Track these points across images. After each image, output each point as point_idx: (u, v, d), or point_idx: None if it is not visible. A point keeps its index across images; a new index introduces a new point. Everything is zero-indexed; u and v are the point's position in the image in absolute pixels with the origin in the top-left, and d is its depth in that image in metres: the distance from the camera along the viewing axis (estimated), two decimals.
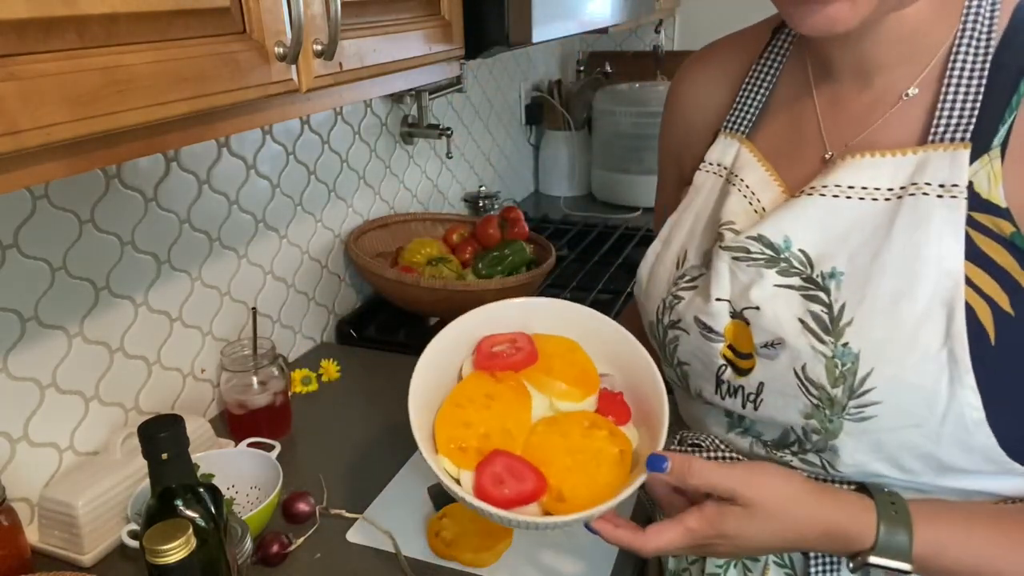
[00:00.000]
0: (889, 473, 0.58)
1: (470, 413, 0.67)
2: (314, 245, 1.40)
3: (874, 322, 0.55)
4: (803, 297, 0.59)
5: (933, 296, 0.53)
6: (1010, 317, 0.51)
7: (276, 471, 0.95)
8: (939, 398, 0.53)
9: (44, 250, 0.91)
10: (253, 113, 0.73)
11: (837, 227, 0.58)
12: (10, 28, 0.49)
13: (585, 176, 2.37)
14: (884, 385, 0.55)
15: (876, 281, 0.55)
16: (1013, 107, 0.53)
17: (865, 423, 0.56)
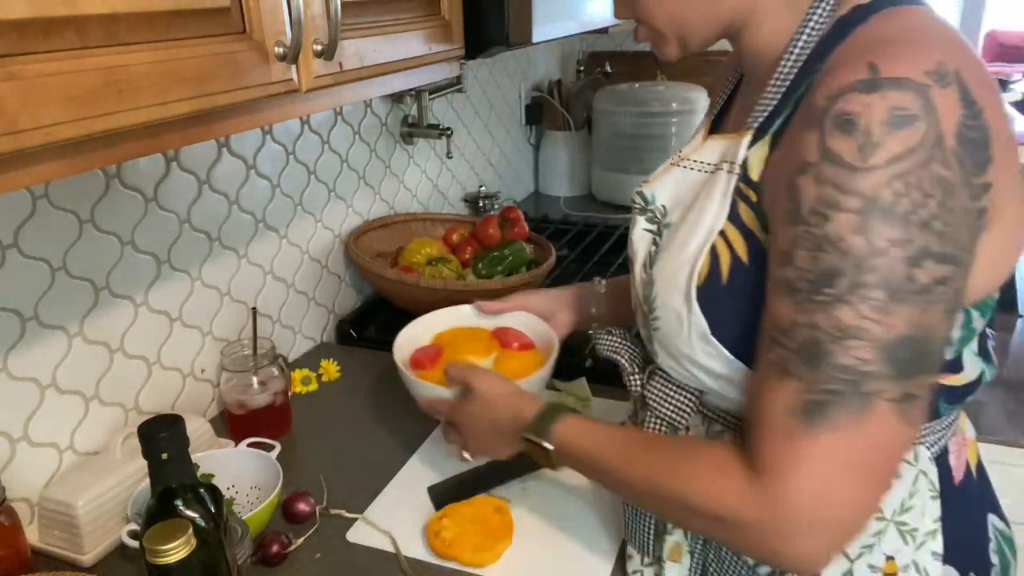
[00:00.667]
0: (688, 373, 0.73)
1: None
2: (314, 245, 1.40)
3: (666, 259, 0.72)
4: (652, 238, 0.77)
5: (699, 246, 0.68)
6: (744, 265, 0.65)
7: (276, 471, 0.95)
8: (683, 316, 0.69)
9: (44, 250, 0.91)
10: (253, 113, 0.73)
11: (681, 190, 0.75)
12: (10, 28, 0.49)
13: (585, 176, 2.37)
14: (660, 306, 0.72)
15: (679, 231, 0.72)
16: (791, 103, 0.64)
17: (656, 333, 0.74)
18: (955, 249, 0.55)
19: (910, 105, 0.54)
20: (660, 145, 2.14)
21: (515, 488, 0.99)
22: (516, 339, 1.04)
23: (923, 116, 0.54)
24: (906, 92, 0.54)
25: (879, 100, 0.54)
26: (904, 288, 0.54)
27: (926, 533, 0.68)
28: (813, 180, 0.56)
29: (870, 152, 0.54)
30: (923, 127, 0.53)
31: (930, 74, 0.54)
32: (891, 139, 0.54)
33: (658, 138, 2.14)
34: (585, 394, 1.19)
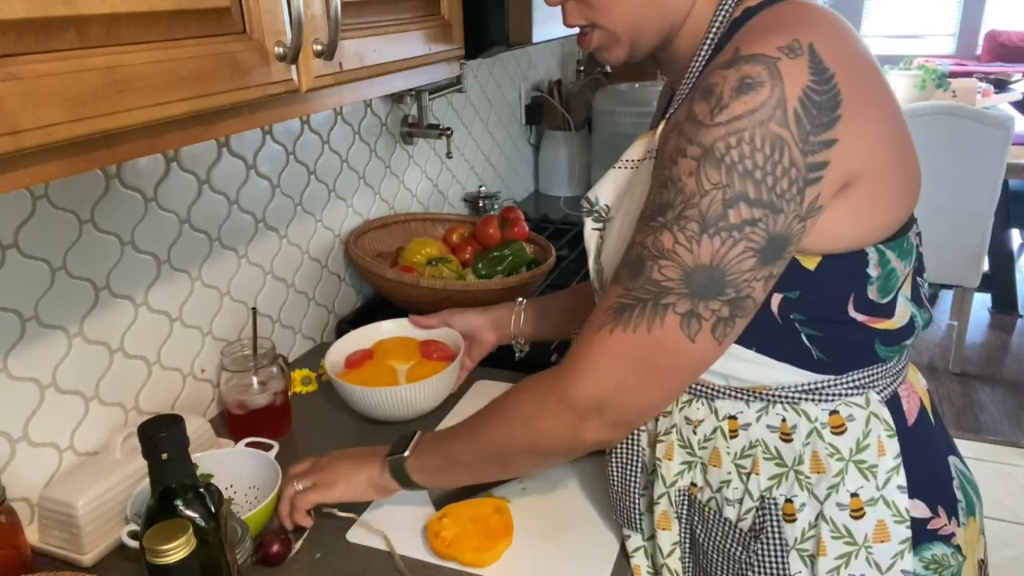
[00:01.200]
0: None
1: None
2: (314, 245, 1.40)
3: (609, 246, 0.80)
4: (599, 234, 0.84)
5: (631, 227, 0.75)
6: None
7: (275, 470, 0.95)
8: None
9: (44, 250, 0.91)
10: (253, 113, 0.73)
11: (618, 188, 0.83)
12: (10, 28, 0.49)
13: (585, 176, 2.37)
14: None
15: (619, 221, 0.80)
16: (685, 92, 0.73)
17: None
18: (772, 196, 0.63)
19: (757, 75, 0.62)
20: None
21: (515, 488, 0.99)
22: (437, 350, 1.20)
23: (768, 82, 0.62)
24: (756, 64, 0.63)
25: (734, 72, 0.63)
26: (715, 224, 0.63)
27: (889, 470, 0.74)
28: (676, 134, 0.66)
29: (717, 112, 0.63)
30: (767, 92, 0.62)
31: (782, 48, 0.63)
32: (736, 102, 0.62)
33: None
34: None
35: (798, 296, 0.70)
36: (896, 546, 0.74)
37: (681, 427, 0.81)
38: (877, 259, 0.70)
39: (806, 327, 0.72)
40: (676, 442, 0.81)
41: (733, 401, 0.77)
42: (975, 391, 3.04)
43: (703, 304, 0.65)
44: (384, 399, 1.09)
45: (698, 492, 0.81)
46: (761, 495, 0.76)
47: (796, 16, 0.67)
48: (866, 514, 0.73)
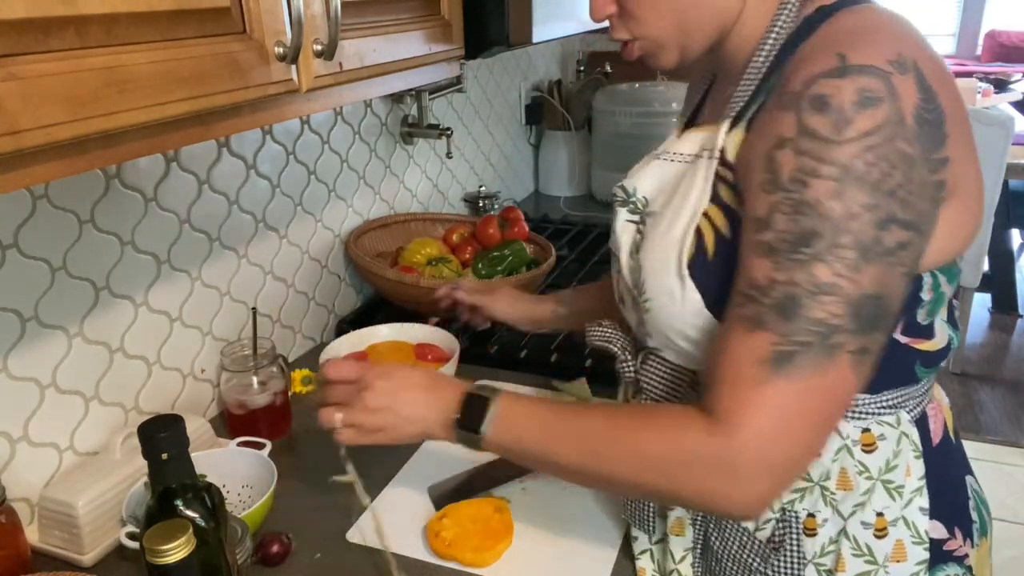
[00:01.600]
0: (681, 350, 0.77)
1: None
2: (314, 245, 1.40)
3: (653, 243, 0.76)
4: (635, 228, 0.82)
5: (685, 227, 0.72)
6: (727, 239, 0.70)
7: (270, 468, 0.95)
8: (676, 293, 0.73)
9: (44, 250, 0.91)
10: (253, 113, 0.73)
11: (663, 181, 0.79)
12: (10, 28, 0.49)
13: (585, 176, 2.37)
14: (650, 288, 0.76)
15: (663, 217, 0.76)
16: (765, 92, 0.69)
17: (648, 315, 0.77)
18: (916, 217, 0.60)
19: (876, 89, 0.59)
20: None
21: (515, 488, 0.99)
22: (431, 352, 1.20)
23: (887, 98, 0.59)
24: (872, 77, 0.60)
25: (849, 83, 0.60)
26: (873, 249, 0.59)
27: (912, 491, 0.73)
28: (792, 152, 0.61)
29: (843, 127, 0.59)
30: (887, 107, 0.59)
31: (891, 63, 0.60)
32: (861, 116, 0.59)
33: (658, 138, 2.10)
34: (585, 394, 1.19)
35: None
36: (913, 567, 0.73)
37: None
38: (931, 284, 0.69)
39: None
40: None
41: None
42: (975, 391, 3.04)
43: (870, 338, 0.60)
44: None
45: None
46: (783, 507, 0.74)
47: (890, 27, 0.64)
48: (888, 533, 0.72)
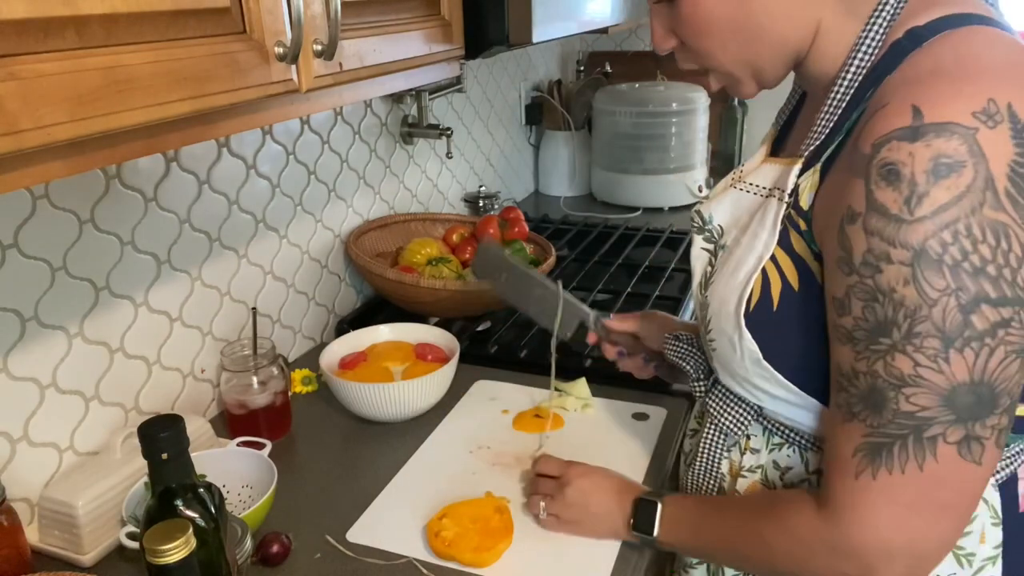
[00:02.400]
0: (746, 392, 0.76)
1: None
2: (314, 245, 1.40)
3: (718, 283, 0.74)
4: (708, 258, 0.79)
5: (749, 272, 0.70)
6: (794, 291, 0.67)
7: (270, 468, 0.95)
8: (735, 341, 0.71)
9: (44, 250, 0.91)
10: (253, 113, 0.73)
11: (737, 212, 0.76)
12: (10, 28, 0.49)
13: (585, 176, 2.37)
14: (714, 328, 0.74)
15: (732, 254, 0.73)
16: (842, 132, 0.64)
17: (714, 353, 0.77)
18: (1016, 291, 0.54)
19: (955, 152, 0.53)
20: (660, 145, 2.14)
21: (515, 488, 0.99)
22: (431, 352, 1.21)
23: (970, 161, 0.53)
24: (951, 138, 0.53)
25: (923, 148, 0.54)
26: (960, 335, 0.54)
27: (985, 559, 0.68)
28: (862, 230, 0.57)
29: (916, 203, 0.54)
30: (970, 173, 0.53)
31: (977, 115, 0.53)
32: (936, 188, 0.53)
33: (658, 138, 2.14)
34: (585, 394, 1.19)
35: None
36: None
37: (768, 469, 0.78)
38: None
39: None
40: (760, 482, 0.78)
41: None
42: None
43: (979, 425, 0.56)
44: (378, 396, 1.09)
45: None
46: None
47: (985, 59, 0.57)
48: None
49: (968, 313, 0.54)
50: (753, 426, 0.79)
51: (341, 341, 1.24)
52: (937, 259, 0.54)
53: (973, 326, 0.54)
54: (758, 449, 0.78)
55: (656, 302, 1.48)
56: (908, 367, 0.56)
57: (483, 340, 1.36)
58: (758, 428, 0.79)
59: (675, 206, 2.19)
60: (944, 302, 0.54)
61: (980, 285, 0.54)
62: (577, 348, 1.30)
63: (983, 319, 0.54)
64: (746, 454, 0.79)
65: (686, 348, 0.87)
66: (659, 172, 2.17)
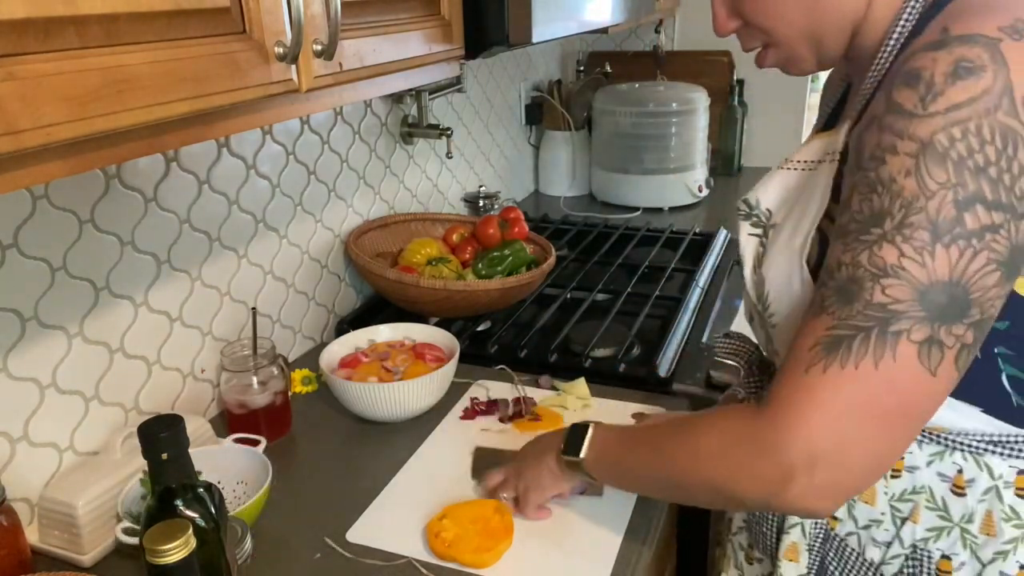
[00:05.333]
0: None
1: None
2: (314, 245, 1.40)
3: (775, 254, 0.72)
4: (758, 240, 0.77)
5: (806, 234, 0.69)
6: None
7: (265, 465, 0.95)
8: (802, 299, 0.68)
9: (44, 250, 0.91)
10: (253, 113, 0.73)
11: (787, 191, 0.75)
12: (10, 28, 0.49)
13: (585, 176, 2.37)
14: (774, 300, 0.72)
15: (784, 228, 0.72)
16: (874, 83, 0.67)
17: (775, 330, 0.74)
18: (1011, 198, 0.54)
19: (976, 57, 0.54)
20: (660, 145, 2.14)
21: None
22: (431, 352, 1.22)
23: (991, 67, 0.53)
24: (974, 46, 0.54)
25: (946, 55, 0.55)
26: (950, 231, 0.54)
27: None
28: (876, 129, 0.58)
29: (930, 100, 0.55)
30: (990, 78, 0.53)
31: (1004, 29, 0.54)
32: (953, 88, 0.54)
33: (658, 138, 2.14)
34: (584, 394, 1.19)
35: (1007, 327, 0.60)
36: None
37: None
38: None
39: (1011, 366, 0.62)
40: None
41: None
42: None
43: (945, 329, 0.55)
44: (378, 396, 1.09)
45: (838, 526, 0.74)
46: (914, 544, 0.69)
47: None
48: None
49: (963, 210, 0.54)
50: None
51: (341, 341, 1.24)
52: (943, 152, 0.54)
53: (964, 223, 0.54)
54: None
55: (656, 302, 1.48)
56: (893, 257, 0.55)
57: (483, 340, 1.36)
58: None
59: (675, 206, 2.19)
60: (942, 195, 0.54)
61: (979, 184, 0.54)
62: (577, 349, 1.30)
63: (975, 219, 0.54)
64: None
65: (739, 345, 0.86)
66: (659, 172, 2.17)
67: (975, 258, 0.54)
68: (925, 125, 0.55)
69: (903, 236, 0.55)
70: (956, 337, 0.56)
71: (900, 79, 0.57)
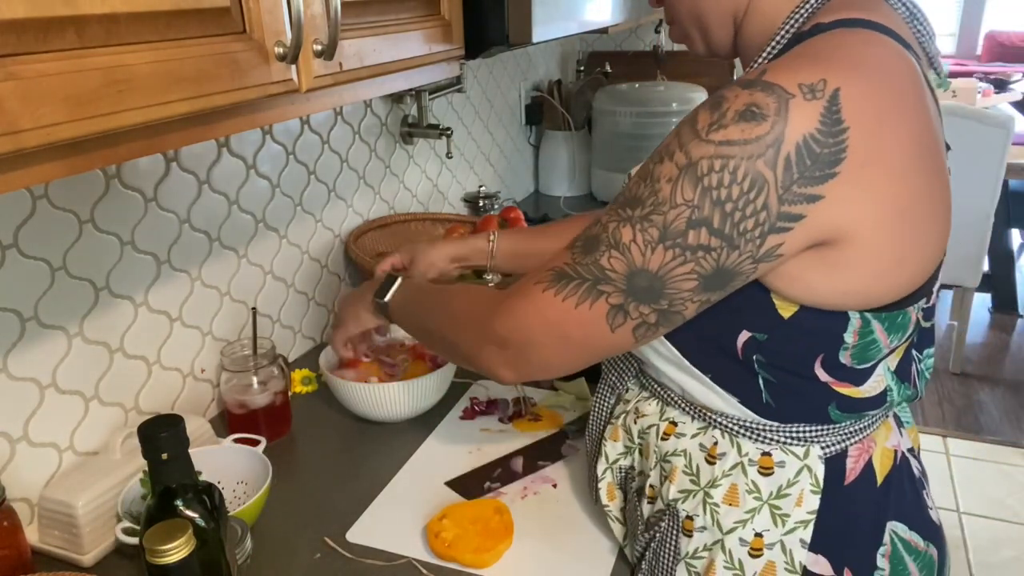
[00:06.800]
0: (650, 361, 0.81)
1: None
2: (314, 245, 1.40)
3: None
4: None
5: None
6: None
7: (265, 464, 0.95)
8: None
9: (44, 250, 0.91)
10: (253, 113, 0.73)
11: None
12: (10, 28, 0.49)
13: (585, 176, 2.37)
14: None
15: None
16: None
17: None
18: (734, 232, 0.62)
19: (765, 106, 0.59)
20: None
21: (515, 488, 0.99)
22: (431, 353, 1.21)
23: (772, 118, 0.59)
24: (769, 95, 0.60)
25: (746, 95, 0.61)
26: (673, 239, 0.63)
27: (798, 521, 0.74)
28: (674, 133, 0.65)
29: (714, 129, 0.61)
30: (767, 127, 0.59)
31: (802, 86, 0.59)
32: (735, 126, 0.60)
33: (658, 138, 2.14)
34: (584, 394, 1.19)
35: (766, 339, 0.69)
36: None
37: (630, 414, 0.85)
38: (859, 326, 0.68)
39: (765, 370, 0.71)
40: (621, 427, 0.86)
41: (681, 412, 0.80)
42: (975, 391, 3.03)
43: (634, 305, 0.66)
44: (378, 396, 1.09)
45: (637, 477, 0.86)
46: (669, 502, 0.78)
47: (847, 51, 0.63)
48: (763, 555, 0.74)
49: (691, 227, 0.62)
50: (631, 381, 0.87)
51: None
52: (699, 176, 0.61)
53: (687, 237, 0.63)
54: (627, 398, 0.86)
55: None
56: (627, 238, 0.65)
57: None
58: (636, 385, 0.86)
59: None
60: (681, 210, 0.62)
61: (712, 212, 0.62)
62: None
63: (696, 237, 0.62)
64: (617, 403, 0.88)
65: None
66: None
67: (682, 265, 0.64)
68: (700, 148, 0.61)
69: (641, 227, 0.64)
70: (641, 314, 0.67)
71: (710, 100, 0.64)
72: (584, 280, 0.67)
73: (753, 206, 0.61)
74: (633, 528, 0.85)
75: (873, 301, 0.67)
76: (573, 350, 0.71)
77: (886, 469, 0.77)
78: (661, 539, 0.79)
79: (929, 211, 0.66)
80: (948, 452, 2.65)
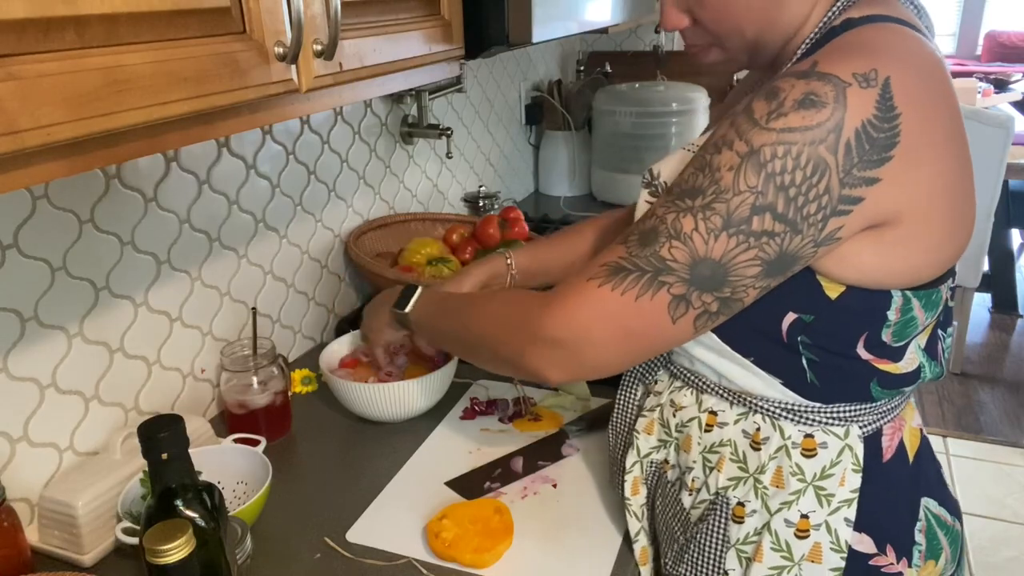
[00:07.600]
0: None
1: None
2: (314, 245, 1.40)
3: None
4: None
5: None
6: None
7: (264, 464, 0.95)
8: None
9: (44, 250, 0.91)
10: (253, 113, 0.73)
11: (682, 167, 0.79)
12: (10, 28, 0.49)
13: (585, 176, 2.37)
14: None
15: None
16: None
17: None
18: (797, 217, 0.63)
19: (823, 94, 0.61)
20: (660, 145, 2.14)
21: (516, 488, 0.99)
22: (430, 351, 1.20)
23: (831, 105, 0.61)
24: (826, 84, 0.62)
25: (803, 84, 0.63)
26: (737, 226, 0.64)
27: (841, 500, 0.75)
28: (728, 123, 0.66)
29: (774, 117, 0.63)
30: (827, 113, 0.61)
31: (857, 75, 0.62)
32: (795, 114, 0.62)
33: (658, 138, 2.14)
34: (585, 394, 1.19)
35: (812, 321, 0.71)
36: (827, 571, 0.75)
37: (665, 407, 0.85)
38: (901, 304, 0.70)
39: (809, 351, 0.72)
40: (657, 420, 0.86)
41: (719, 399, 0.80)
42: (975, 391, 3.04)
43: (697, 294, 0.67)
44: (378, 396, 1.10)
45: (669, 470, 0.85)
46: (718, 491, 0.79)
47: (886, 43, 0.65)
48: (809, 535, 0.75)
49: (755, 213, 0.63)
50: (660, 372, 0.87)
51: (341, 341, 1.24)
52: (762, 163, 0.63)
53: (751, 224, 0.64)
54: (659, 390, 0.86)
55: None
56: (688, 227, 0.65)
57: None
58: (665, 375, 0.86)
59: None
60: (745, 196, 0.63)
61: (776, 198, 0.63)
62: None
63: (761, 223, 0.64)
64: (649, 396, 0.88)
65: None
66: None
67: (746, 252, 0.65)
68: (761, 136, 0.63)
69: (704, 215, 0.65)
70: (703, 303, 0.67)
71: (763, 91, 0.65)
72: (644, 272, 0.67)
73: (816, 190, 0.62)
74: (666, 522, 0.85)
75: (918, 279, 0.69)
76: (631, 345, 0.71)
77: (915, 447, 0.80)
78: (707, 530, 0.79)
79: (967, 188, 0.69)
80: (948, 452, 2.65)
